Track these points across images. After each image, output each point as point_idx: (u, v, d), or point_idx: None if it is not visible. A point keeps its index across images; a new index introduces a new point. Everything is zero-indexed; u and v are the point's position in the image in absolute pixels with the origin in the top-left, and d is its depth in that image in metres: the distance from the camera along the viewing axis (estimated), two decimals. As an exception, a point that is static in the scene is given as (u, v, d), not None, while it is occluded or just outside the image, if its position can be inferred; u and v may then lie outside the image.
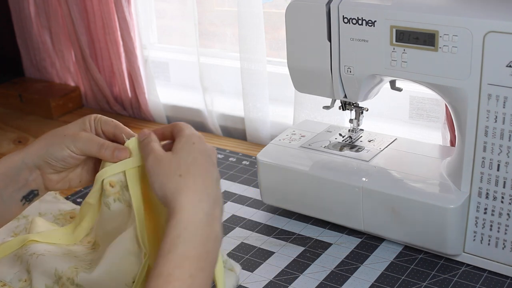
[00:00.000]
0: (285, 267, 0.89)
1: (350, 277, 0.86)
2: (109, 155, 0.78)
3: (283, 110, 1.29)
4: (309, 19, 0.88)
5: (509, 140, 0.78)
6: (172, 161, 0.70)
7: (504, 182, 0.80)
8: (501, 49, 0.75)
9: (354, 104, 0.96)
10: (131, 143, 0.78)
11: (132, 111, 1.47)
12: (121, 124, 0.82)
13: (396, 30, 0.81)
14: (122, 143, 0.79)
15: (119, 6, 1.34)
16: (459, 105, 0.81)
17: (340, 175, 0.91)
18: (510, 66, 0.74)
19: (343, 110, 0.97)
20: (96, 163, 0.82)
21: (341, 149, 0.97)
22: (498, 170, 0.80)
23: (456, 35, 0.77)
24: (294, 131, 1.04)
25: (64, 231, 0.88)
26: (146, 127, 1.40)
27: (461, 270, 0.85)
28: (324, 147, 0.98)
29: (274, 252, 0.92)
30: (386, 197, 0.87)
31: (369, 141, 0.99)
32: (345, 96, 0.92)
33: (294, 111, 1.21)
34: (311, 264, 0.89)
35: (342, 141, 1.00)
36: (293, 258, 0.90)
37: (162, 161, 0.71)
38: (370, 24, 0.83)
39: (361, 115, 0.98)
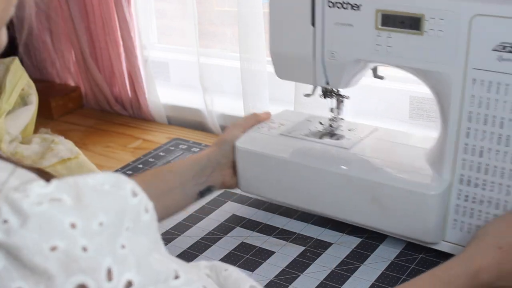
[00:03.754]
0: (285, 267, 0.89)
1: (350, 276, 0.86)
2: (265, 114, 1.02)
3: (284, 109, 1.29)
4: (293, 4, 0.87)
5: (493, 126, 0.77)
6: None
7: (487, 169, 0.79)
8: (487, 33, 0.73)
9: (335, 93, 0.95)
10: None
11: (132, 111, 1.47)
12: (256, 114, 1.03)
13: (382, 14, 0.80)
14: None
15: (119, 6, 1.34)
16: (443, 90, 0.80)
17: (320, 161, 0.90)
18: (496, 50, 0.73)
19: (324, 98, 0.96)
20: None
21: (321, 137, 0.96)
22: (481, 156, 0.79)
23: (442, 19, 0.76)
24: (273, 120, 1.03)
25: None
26: (146, 127, 1.40)
27: (461, 270, 0.85)
28: (304, 135, 0.97)
29: (275, 252, 0.92)
30: (367, 183, 0.86)
31: (349, 130, 0.97)
32: (327, 83, 0.90)
33: (294, 111, 1.21)
34: (311, 263, 0.89)
35: (322, 129, 0.98)
36: (293, 258, 0.90)
37: None
38: (355, 8, 0.82)
39: (341, 104, 0.96)
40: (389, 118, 1.19)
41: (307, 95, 0.96)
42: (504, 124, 0.76)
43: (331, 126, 0.98)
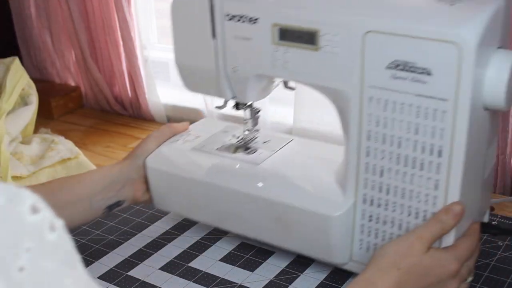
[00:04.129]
0: (285, 267, 0.89)
1: (350, 276, 0.86)
2: (181, 125, 0.98)
3: (283, 110, 1.29)
4: (193, 15, 0.84)
5: (392, 146, 0.74)
6: None
7: (388, 189, 0.76)
8: (380, 50, 0.71)
9: (247, 105, 0.93)
10: None
11: (132, 111, 1.47)
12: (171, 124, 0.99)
13: (279, 28, 0.78)
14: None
15: (119, 6, 1.34)
16: (344, 108, 0.78)
17: (226, 180, 0.88)
18: (389, 68, 0.71)
19: (236, 109, 0.94)
20: None
21: (234, 151, 0.93)
22: (381, 176, 0.76)
23: (337, 35, 0.73)
24: (190, 131, 1.00)
25: None
26: (147, 127, 1.40)
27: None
28: (217, 149, 0.94)
29: (274, 252, 0.92)
30: (270, 203, 0.83)
31: (264, 143, 0.95)
32: (234, 97, 0.88)
33: (294, 111, 1.21)
34: (311, 263, 0.89)
35: (236, 142, 0.95)
36: (293, 258, 0.90)
37: None
38: (253, 22, 0.79)
39: (256, 115, 0.94)
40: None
41: (219, 107, 0.93)
42: (401, 143, 0.73)
43: (244, 138, 0.96)
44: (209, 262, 0.91)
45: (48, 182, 0.90)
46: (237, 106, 0.93)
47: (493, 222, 0.94)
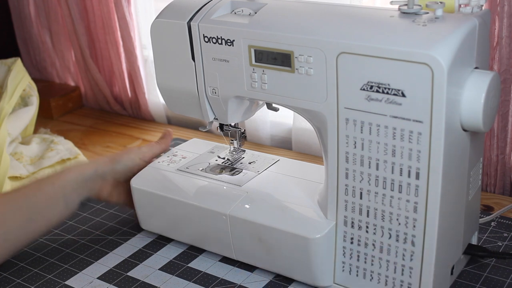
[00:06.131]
0: (285, 267, 0.89)
1: (350, 277, 0.86)
2: (168, 141, 1.01)
3: (283, 110, 1.28)
4: (173, 38, 0.85)
5: (369, 167, 0.74)
6: None
7: (368, 211, 0.76)
8: (354, 71, 0.71)
9: (231, 125, 0.93)
10: None
11: (132, 111, 1.47)
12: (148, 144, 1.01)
13: (255, 50, 0.78)
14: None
15: (119, 6, 1.34)
16: (321, 129, 0.78)
17: (208, 201, 0.88)
18: (364, 90, 0.71)
19: (221, 130, 0.95)
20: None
21: (220, 172, 0.93)
22: (361, 198, 0.76)
23: (311, 56, 0.74)
24: (176, 151, 1.00)
25: None
26: (146, 127, 1.40)
27: None
28: (201, 169, 0.94)
29: (274, 252, 0.92)
30: (252, 225, 0.83)
31: (250, 163, 0.95)
32: (216, 118, 0.89)
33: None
34: (311, 264, 0.89)
35: (222, 163, 0.96)
36: (293, 258, 0.90)
37: None
38: (229, 44, 0.80)
39: (242, 135, 0.95)
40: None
41: (203, 128, 0.93)
42: (379, 165, 0.73)
43: (229, 159, 0.96)
44: (209, 262, 0.91)
45: (23, 187, 0.91)
46: (221, 127, 0.94)
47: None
